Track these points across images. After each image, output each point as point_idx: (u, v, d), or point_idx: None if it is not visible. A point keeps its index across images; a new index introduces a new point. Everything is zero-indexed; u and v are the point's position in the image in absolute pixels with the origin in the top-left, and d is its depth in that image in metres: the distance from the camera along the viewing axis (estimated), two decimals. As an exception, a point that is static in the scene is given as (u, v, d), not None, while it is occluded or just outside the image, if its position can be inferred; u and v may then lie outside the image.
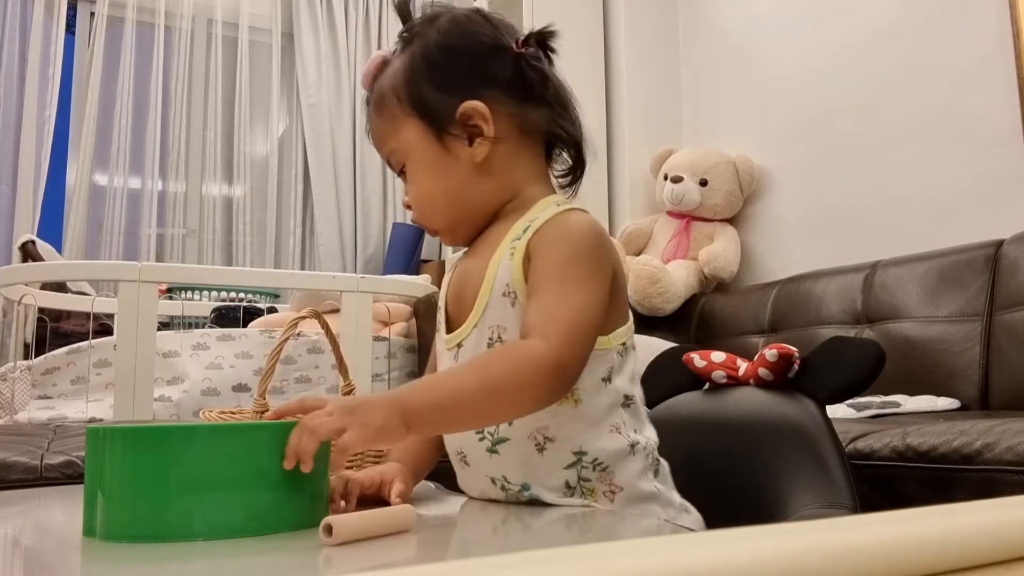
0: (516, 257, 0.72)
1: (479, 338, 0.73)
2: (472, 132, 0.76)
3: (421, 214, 0.79)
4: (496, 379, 0.64)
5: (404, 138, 0.78)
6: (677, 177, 2.65)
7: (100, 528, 0.54)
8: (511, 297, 0.72)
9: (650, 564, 0.26)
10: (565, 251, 0.70)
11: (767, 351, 0.88)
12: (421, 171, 0.78)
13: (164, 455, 0.54)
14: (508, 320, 0.72)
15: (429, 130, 0.76)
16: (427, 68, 0.77)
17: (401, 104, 0.77)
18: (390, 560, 0.54)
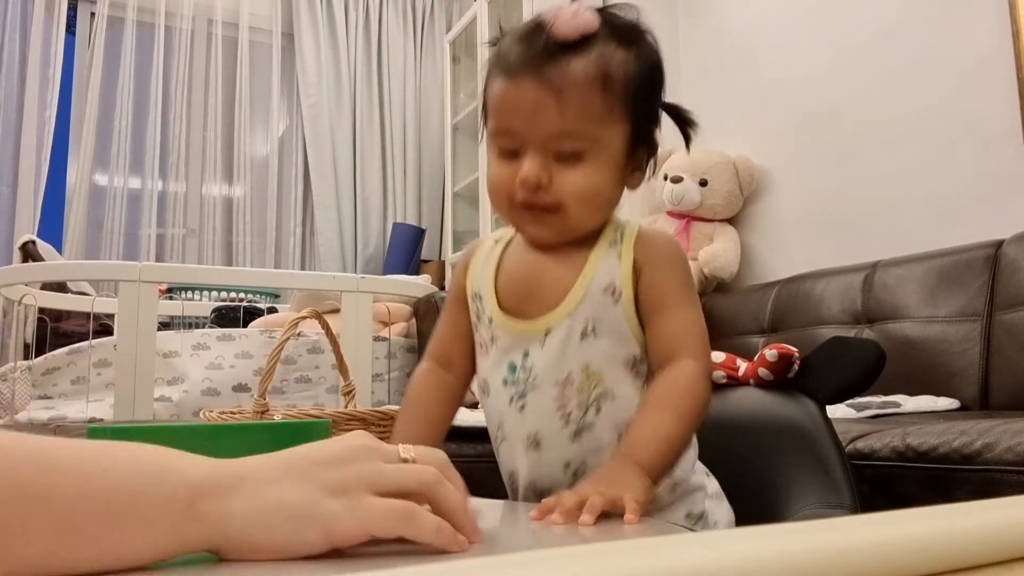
0: (624, 262, 0.76)
1: (570, 328, 0.75)
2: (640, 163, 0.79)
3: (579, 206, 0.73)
4: (690, 413, 0.72)
5: (608, 133, 0.73)
6: (677, 177, 2.65)
7: None
8: (614, 295, 0.75)
9: (650, 564, 0.26)
10: (680, 269, 0.78)
11: (767, 351, 0.88)
12: (606, 169, 0.74)
13: None
14: (604, 314, 0.75)
15: (630, 141, 0.76)
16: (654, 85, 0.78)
17: (626, 102, 0.74)
18: (390, 560, 0.54)
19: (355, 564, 0.51)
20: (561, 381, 0.75)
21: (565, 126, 0.71)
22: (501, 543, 0.58)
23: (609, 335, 0.75)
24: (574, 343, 0.75)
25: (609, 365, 0.75)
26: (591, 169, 0.73)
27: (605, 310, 0.75)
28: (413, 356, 2.58)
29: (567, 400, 0.75)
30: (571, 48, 0.71)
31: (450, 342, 0.84)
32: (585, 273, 0.76)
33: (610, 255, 0.76)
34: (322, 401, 2.30)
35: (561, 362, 0.75)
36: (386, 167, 4.05)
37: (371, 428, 0.86)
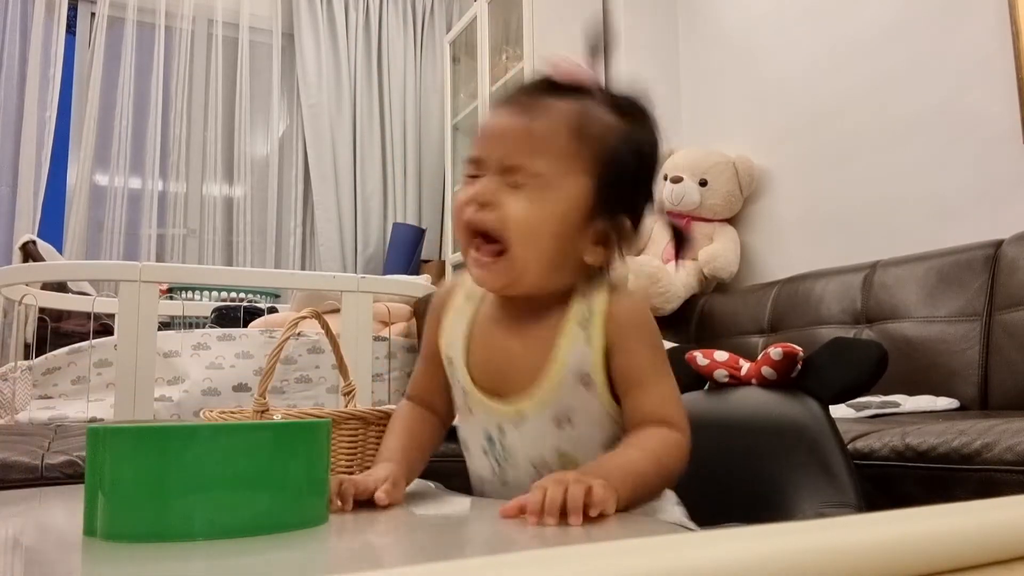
0: (595, 345, 0.74)
1: (544, 417, 0.75)
2: (604, 238, 0.76)
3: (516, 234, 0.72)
4: (667, 467, 0.72)
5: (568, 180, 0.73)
6: (677, 177, 2.65)
7: (100, 528, 0.54)
8: (587, 385, 0.74)
9: (650, 564, 0.26)
10: (649, 341, 0.76)
11: (772, 350, 0.88)
12: (553, 211, 0.72)
13: (165, 455, 0.54)
14: (579, 403, 0.74)
15: (592, 203, 0.74)
16: (637, 162, 0.76)
17: (593, 157, 0.73)
18: (390, 560, 0.54)
19: (355, 564, 0.51)
20: (537, 463, 0.77)
21: (525, 156, 0.72)
22: (503, 543, 0.58)
23: (585, 422, 0.75)
24: (550, 431, 0.75)
25: (585, 449, 0.75)
26: (537, 203, 0.72)
27: (579, 399, 0.74)
28: (413, 356, 2.58)
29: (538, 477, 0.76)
30: (560, 90, 0.75)
31: (429, 391, 0.85)
32: (556, 358, 0.74)
33: (579, 339, 0.74)
34: (322, 401, 2.30)
35: (536, 447, 0.76)
36: (386, 167, 4.05)
37: (371, 428, 0.86)
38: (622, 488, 0.64)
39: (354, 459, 0.85)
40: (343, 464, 0.84)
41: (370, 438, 0.87)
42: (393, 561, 0.53)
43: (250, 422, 0.73)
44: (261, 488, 0.55)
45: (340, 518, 0.65)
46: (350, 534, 0.62)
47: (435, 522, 0.70)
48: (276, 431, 0.58)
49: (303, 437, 0.59)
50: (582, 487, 0.59)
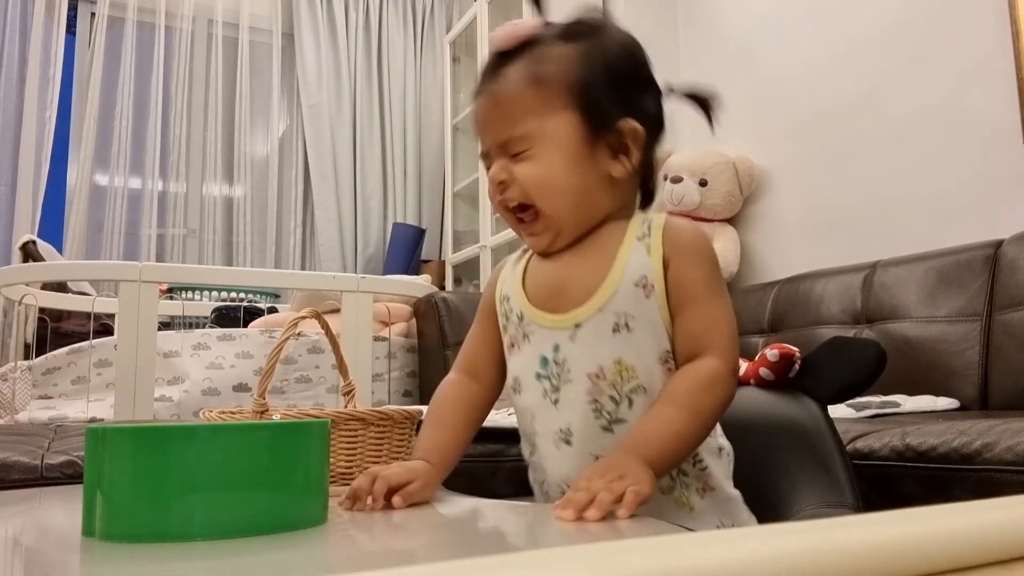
0: (654, 255, 0.76)
1: (601, 323, 0.76)
2: (617, 148, 0.78)
3: (539, 194, 0.76)
4: (707, 411, 0.72)
5: (551, 124, 0.76)
6: (677, 177, 2.65)
7: (99, 528, 0.54)
8: (647, 288, 0.75)
9: (650, 564, 0.26)
10: (707, 262, 0.77)
11: (768, 351, 0.88)
12: (554, 157, 0.76)
13: (164, 455, 0.54)
14: (638, 309, 0.75)
15: (585, 129, 0.76)
16: (607, 71, 0.77)
17: (565, 92, 0.76)
18: (390, 560, 0.54)
19: (355, 564, 0.51)
20: (593, 375, 0.76)
21: (507, 128, 0.76)
22: (502, 543, 0.58)
23: (643, 329, 0.75)
24: (606, 337, 0.75)
25: (642, 359, 0.76)
26: (541, 161, 0.76)
27: (638, 304, 0.75)
28: (413, 356, 2.58)
29: (599, 394, 0.76)
30: (509, 56, 0.77)
31: (478, 352, 0.87)
32: (616, 267, 0.76)
33: (639, 249, 0.77)
34: (322, 401, 2.30)
35: (593, 356, 0.76)
36: (386, 167, 4.05)
37: (371, 428, 0.86)
38: (660, 461, 0.67)
39: (354, 459, 0.85)
40: (343, 464, 0.84)
41: (370, 439, 0.87)
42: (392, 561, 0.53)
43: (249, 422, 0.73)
44: (260, 488, 0.55)
45: (339, 518, 0.65)
46: (349, 534, 0.62)
47: (435, 522, 0.70)
48: (275, 431, 0.58)
49: (302, 437, 0.59)
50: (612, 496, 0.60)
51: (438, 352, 2.39)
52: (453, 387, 0.87)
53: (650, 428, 0.71)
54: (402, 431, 0.90)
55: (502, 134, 0.77)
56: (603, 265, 0.76)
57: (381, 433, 0.87)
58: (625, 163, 0.78)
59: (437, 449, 0.80)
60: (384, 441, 0.87)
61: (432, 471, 0.76)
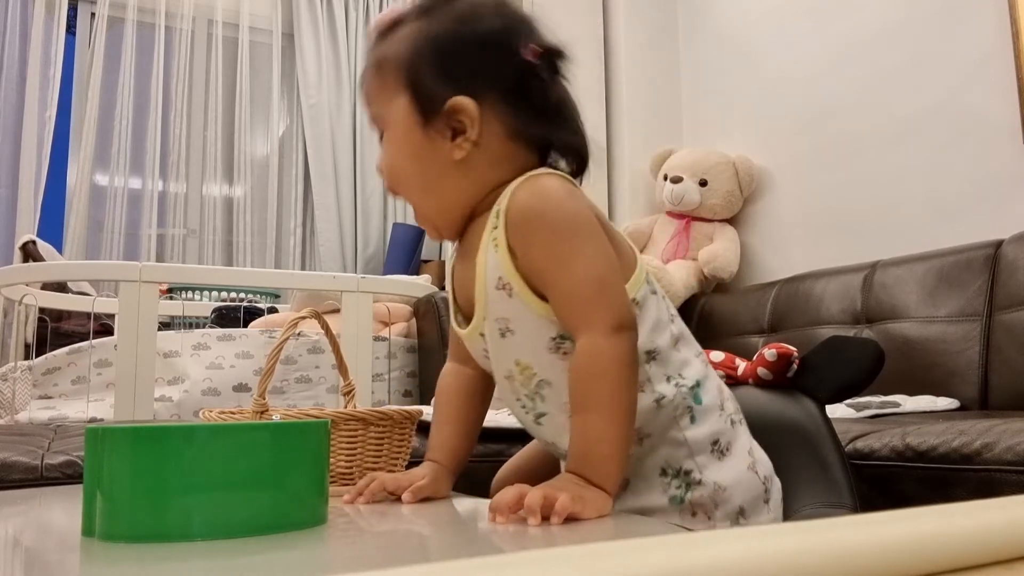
0: (500, 250, 0.71)
1: (492, 330, 0.75)
2: (456, 128, 0.73)
3: (393, 183, 0.78)
4: (623, 399, 0.67)
5: (391, 108, 0.75)
6: (677, 177, 2.65)
7: (99, 528, 0.54)
8: (507, 290, 0.72)
9: (650, 564, 0.26)
10: (543, 230, 0.70)
11: (766, 351, 0.88)
12: (398, 147, 0.75)
13: (163, 455, 0.54)
14: (509, 311, 0.73)
15: (416, 113, 0.73)
16: (433, 50, 0.73)
17: (398, 74, 0.74)
18: (390, 560, 0.54)
19: (355, 564, 0.51)
20: (506, 377, 0.78)
21: (368, 111, 0.78)
22: (502, 543, 0.58)
23: (522, 327, 0.73)
24: (498, 343, 0.75)
25: (535, 355, 0.74)
26: (388, 149, 0.76)
27: (507, 305, 0.72)
28: (413, 356, 2.58)
29: (518, 392, 0.77)
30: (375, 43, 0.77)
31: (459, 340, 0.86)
32: (478, 273, 0.73)
33: (490, 247, 0.72)
34: (322, 401, 2.30)
35: (501, 361, 0.77)
36: (386, 167, 4.05)
37: (371, 428, 0.86)
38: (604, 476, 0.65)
39: (354, 459, 0.85)
40: (343, 464, 0.84)
41: (370, 439, 0.87)
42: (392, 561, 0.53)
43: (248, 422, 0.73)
44: (260, 488, 0.55)
45: (339, 518, 0.65)
46: (349, 534, 0.62)
47: (434, 522, 0.70)
48: (274, 431, 0.58)
49: (302, 437, 0.59)
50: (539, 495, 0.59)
51: (438, 352, 2.39)
52: (451, 378, 0.87)
53: (578, 449, 0.67)
54: (402, 431, 0.90)
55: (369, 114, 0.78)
56: (472, 271, 0.74)
57: (381, 433, 0.87)
58: (463, 144, 0.72)
59: (444, 447, 0.81)
60: (384, 441, 0.87)
61: (440, 468, 0.77)
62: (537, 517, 0.58)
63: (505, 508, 0.60)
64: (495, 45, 0.74)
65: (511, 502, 0.60)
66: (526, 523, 0.59)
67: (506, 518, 0.59)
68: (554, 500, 0.59)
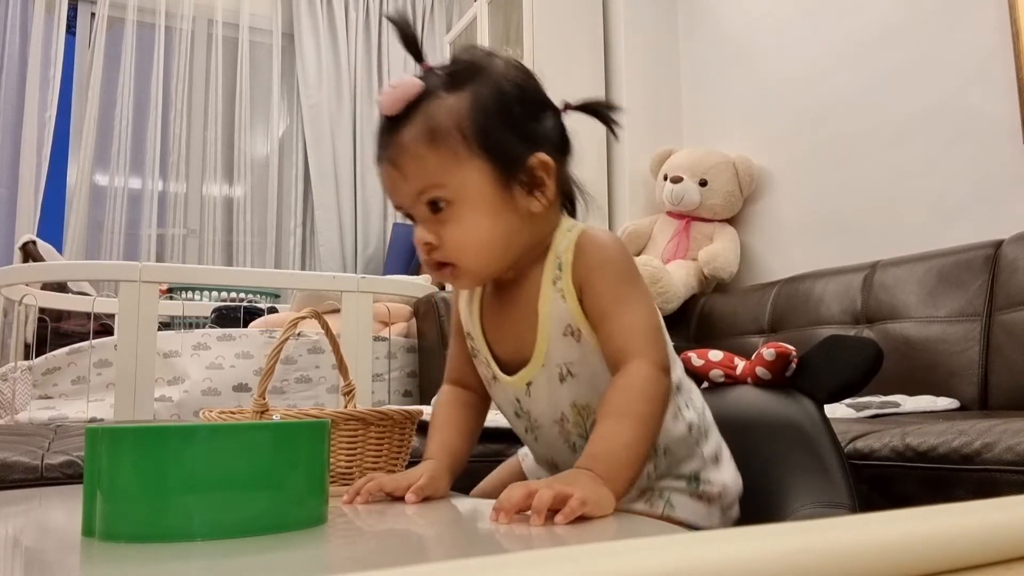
0: (569, 298, 0.76)
1: (548, 375, 0.78)
2: (534, 183, 0.76)
3: (465, 256, 0.76)
4: (649, 416, 0.71)
5: (462, 177, 0.74)
6: (677, 177, 2.65)
7: (99, 528, 0.54)
8: (575, 336, 0.76)
9: (650, 564, 0.26)
10: (610, 273, 0.76)
11: (765, 350, 0.88)
12: (475, 213, 0.75)
13: (164, 455, 0.54)
14: (573, 355, 0.77)
15: (496, 174, 0.75)
16: (502, 112, 0.75)
17: (467, 143, 0.74)
18: (390, 560, 0.54)
19: (355, 564, 0.51)
20: (557, 420, 0.80)
21: (414, 189, 0.75)
22: (502, 543, 0.58)
23: (585, 370, 0.77)
24: (556, 387, 0.78)
25: (594, 394, 0.77)
26: (463, 219, 0.75)
27: (572, 351, 0.77)
28: (413, 356, 2.58)
29: (568, 433, 0.80)
30: (401, 119, 0.75)
31: (461, 366, 0.88)
32: (542, 322, 0.77)
33: (555, 297, 0.76)
34: (322, 401, 2.30)
35: (551, 407, 0.79)
36: (386, 169, 4.05)
37: (371, 428, 0.86)
38: (616, 478, 0.66)
39: (354, 459, 0.85)
40: (343, 464, 0.84)
41: (370, 439, 0.87)
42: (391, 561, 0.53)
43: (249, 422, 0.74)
44: (260, 488, 0.55)
45: (339, 518, 0.65)
46: (349, 534, 0.62)
47: (434, 522, 0.70)
48: (275, 431, 0.58)
49: (302, 437, 0.59)
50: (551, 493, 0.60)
51: (438, 352, 2.39)
52: (449, 394, 0.89)
53: (597, 447, 0.69)
54: (402, 431, 0.90)
55: (411, 193, 0.75)
56: (531, 319, 0.77)
57: (381, 433, 0.87)
58: (541, 198, 0.77)
59: (443, 447, 0.82)
60: (384, 441, 0.88)
61: (439, 466, 0.78)
62: (542, 517, 0.58)
63: (511, 508, 0.60)
64: (541, 103, 0.79)
65: (518, 502, 0.60)
66: (527, 522, 0.59)
67: (508, 518, 0.59)
68: (565, 498, 0.59)
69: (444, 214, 0.75)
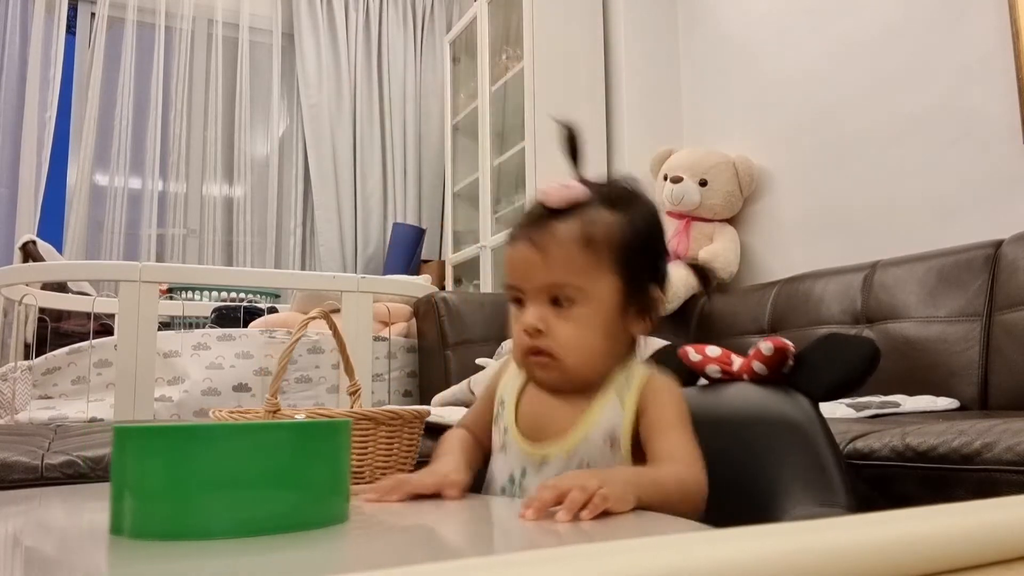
0: (628, 409, 0.81)
1: (566, 464, 0.81)
2: (646, 311, 0.84)
3: (567, 353, 0.82)
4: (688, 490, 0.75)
5: (597, 285, 0.81)
6: (677, 177, 2.65)
7: (129, 526, 0.55)
8: (614, 444, 0.81)
9: (650, 564, 0.26)
10: (676, 405, 0.83)
11: (762, 344, 0.88)
12: (594, 318, 0.82)
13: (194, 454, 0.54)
14: (601, 459, 0.81)
15: (623, 293, 0.82)
16: (645, 242, 0.84)
17: (611, 257, 0.81)
18: (411, 558, 0.54)
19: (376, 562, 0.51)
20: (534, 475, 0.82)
21: (551, 278, 0.81)
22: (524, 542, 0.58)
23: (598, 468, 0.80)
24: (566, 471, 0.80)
25: None
26: (582, 320, 0.81)
27: (603, 455, 0.81)
28: (413, 356, 2.58)
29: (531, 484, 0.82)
30: (560, 214, 0.82)
31: (481, 426, 0.92)
32: (588, 417, 0.82)
33: (614, 403, 0.82)
34: (322, 401, 2.31)
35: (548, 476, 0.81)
36: (386, 167, 4.05)
37: (381, 428, 0.87)
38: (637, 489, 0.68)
39: (365, 459, 0.86)
40: (354, 463, 0.85)
41: (381, 438, 0.87)
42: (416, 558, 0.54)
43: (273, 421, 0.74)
44: (284, 487, 0.56)
45: (360, 517, 0.66)
46: (370, 533, 0.63)
47: (459, 519, 0.70)
48: (299, 430, 0.59)
49: (324, 436, 0.60)
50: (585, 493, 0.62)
51: (438, 352, 2.39)
52: (463, 434, 0.92)
53: (636, 469, 0.75)
54: (411, 431, 0.91)
55: (545, 282, 0.81)
56: (580, 411, 0.82)
57: (391, 433, 0.88)
58: (648, 323, 0.85)
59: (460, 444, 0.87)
60: (395, 441, 0.88)
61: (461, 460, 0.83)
62: (571, 515, 0.60)
63: (543, 507, 0.62)
64: (665, 245, 0.88)
65: (549, 501, 0.62)
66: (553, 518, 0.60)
67: (538, 515, 0.61)
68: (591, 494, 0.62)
69: (565, 311, 0.81)
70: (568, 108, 2.98)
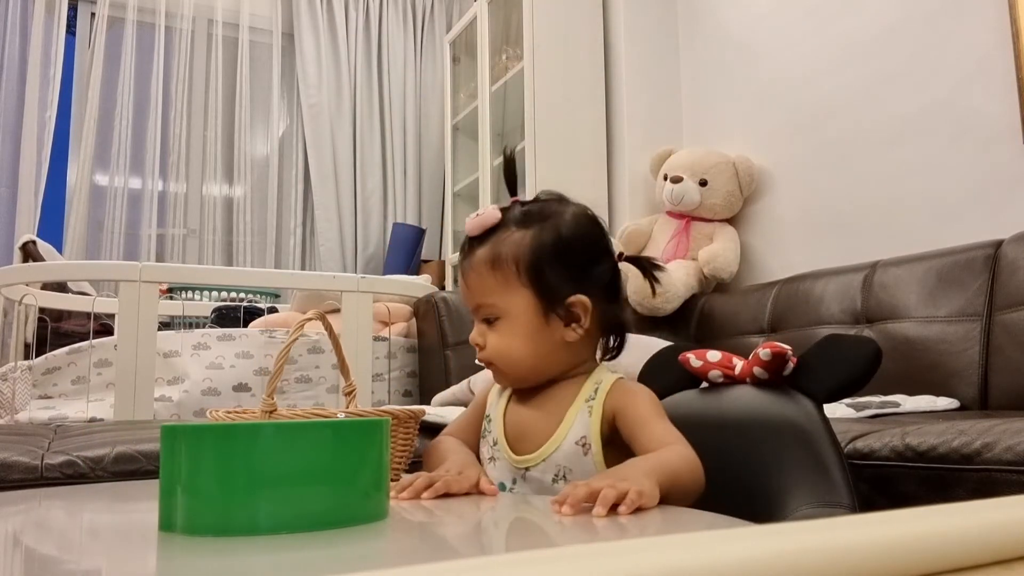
0: (595, 416, 0.87)
1: (545, 471, 0.87)
2: (571, 317, 0.89)
3: (501, 362, 0.91)
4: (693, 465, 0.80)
5: (510, 301, 0.88)
6: (677, 177, 2.65)
7: (180, 522, 0.56)
8: (585, 447, 0.86)
9: (649, 564, 0.26)
10: (650, 400, 0.88)
11: (761, 350, 0.88)
12: (515, 333, 0.89)
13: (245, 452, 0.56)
14: (575, 463, 0.86)
15: (538, 305, 0.88)
16: (554, 254, 0.88)
17: (519, 274, 0.88)
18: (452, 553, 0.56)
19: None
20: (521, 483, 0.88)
21: (475, 300, 0.91)
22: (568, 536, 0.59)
23: (576, 476, 0.84)
24: (547, 484, 0.87)
25: None
26: (505, 332, 0.89)
27: (576, 460, 0.86)
28: (413, 356, 2.58)
29: None
30: (479, 240, 0.91)
31: (469, 436, 0.98)
32: (562, 427, 0.88)
33: (584, 411, 0.88)
34: (322, 401, 2.31)
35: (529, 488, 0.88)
36: (386, 167, 4.05)
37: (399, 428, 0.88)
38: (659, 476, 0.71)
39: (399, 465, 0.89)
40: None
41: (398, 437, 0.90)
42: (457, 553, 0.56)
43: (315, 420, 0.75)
44: (328, 483, 0.57)
45: (399, 514, 0.67)
46: (410, 529, 0.65)
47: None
48: (340, 429, 0.60)
49: (365, 434, 0.61)
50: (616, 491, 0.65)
51: (438, 352, 2.39)
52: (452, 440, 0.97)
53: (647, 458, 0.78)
54: (407, 430, 0.91)
55: (475, 305, 0.91)
56: (554, 423, 0.88)
57: (394, 432, 0.88)
58: (577, 330, 0.89)
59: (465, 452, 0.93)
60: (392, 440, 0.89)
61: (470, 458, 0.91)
62: (606, 510, 0.63)
63: (576, 503, 0.65)
64: (597, 252, 0.92)
65: (583, 498, 0.65)
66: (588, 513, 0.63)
67: (573, 510, 0.64)
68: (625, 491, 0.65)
69: (493, 325, 0.90)
70: (568, 108, 2.98)
